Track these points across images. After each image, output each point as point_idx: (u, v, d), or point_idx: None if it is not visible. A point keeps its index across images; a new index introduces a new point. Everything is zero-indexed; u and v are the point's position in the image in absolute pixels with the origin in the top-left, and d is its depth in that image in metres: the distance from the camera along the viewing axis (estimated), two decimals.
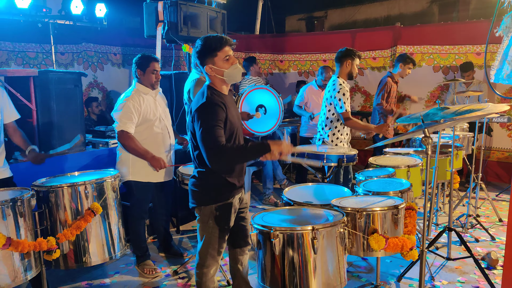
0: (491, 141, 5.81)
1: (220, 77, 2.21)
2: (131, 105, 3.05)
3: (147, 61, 3.16)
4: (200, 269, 2.36)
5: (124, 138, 3.02)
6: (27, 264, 2.27)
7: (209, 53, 2.18)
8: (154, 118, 3.18)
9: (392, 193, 2.44)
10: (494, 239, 3.85)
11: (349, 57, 3.71)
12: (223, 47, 2.18)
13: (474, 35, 5.68)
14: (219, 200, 2.27)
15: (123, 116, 3.03)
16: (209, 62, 2.19)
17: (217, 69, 2.19)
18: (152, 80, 3.18)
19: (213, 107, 2.14)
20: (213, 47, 2.17)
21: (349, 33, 6.93)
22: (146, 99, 3.16)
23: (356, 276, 3.20)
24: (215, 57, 2.18)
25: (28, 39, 5.37)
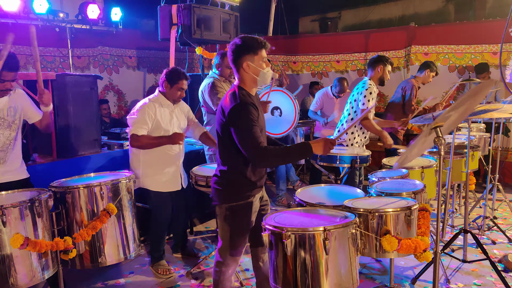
0: (509, 142, 5.70)
1: (254, 76, 2.23)
2: (146, 113, 3.09)
3: (177, 78, 3.16)
4: (219, 267, 2.40)
5: (135, 140, 3.07)
6: (45, 263, 2.32)
7: (250, 50, 2.20)
8: (167, 130, 3.18)
9: (405, 194, 2.42)
10: (511, 241, 3.77)
11: (381, 63, 3.83)
12: (263, 48, 2.23)
13: (490, 34, 5.58)
14: (239, 199, 2.30)
15: (137, 122, 3.08)
16: (248, 59, 2.20)
17: (254, 67, 2.21)
18: (175, 97, 3.21)
19: (248, 107, 2.17)
20: (255, 46, 2.20)
21: (363, 34, 6.89)
22: (163, 111, 3.19)
23: (370, 278, 3.18)
24: (256, 55, 2.21)
25: (46, 43, 5.50)
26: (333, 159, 3.42)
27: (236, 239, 2.33)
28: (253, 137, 2.11)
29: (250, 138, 2.11)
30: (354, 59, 6.87)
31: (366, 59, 6.71)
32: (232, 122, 2.16)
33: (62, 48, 5.61)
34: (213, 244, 3.93)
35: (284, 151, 2.16)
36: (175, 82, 3.16)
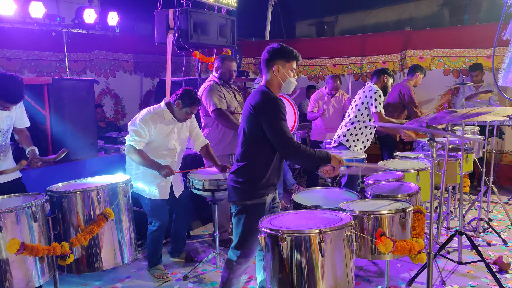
0: (503, 145, 5.74)
1: (280, 81, 2.37)
2: (146, 125, 3.06)
3: (192, 102, 3.10)
4: (230, 265, 2.44)
5: (131, 152, 3.07)
6: (41, 268, 2.32)
7: (284, 56, 2.35)
8: (164, 143, 3.17)
9: (400, 197, 2.44)
10: (506, 243, 3.80)
11: (387, 74, 4.05)
12: (295, 60, 2.39)
13: (484, 38, 5.64)
14: (254, 197, 2.36)
15: (136, 133, 3.06)
16: (280, 63, 2.35)
17: (283, 73, 2.36)
18: (182, 117, 3.17)
19: (280, 102, 2.29)
20: (289, 55, 2.36)
21: (359, 38, 6.94)
22: (164, 125, 3.16)
23: (367, 280, 3.19)
24: (287, 62, 2.36)
25: (41, 48, 5.51)
26: None
27: (249, 237, 2.37)
28: (284, 129, 2.25)
29: (284, 130, 2.25)
30: (350, 63, 6.91)
31: (362, 63, 6.75)
32: (266, 113, 2.27)
33: (58, 53, 5.62)
34: (211, 248, 3.93)
35: (309, 151, 2.28)
36: (188, 106, 3.10)
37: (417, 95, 6.18)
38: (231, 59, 3.81)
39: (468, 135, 4.42)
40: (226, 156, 3.75)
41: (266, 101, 2.28)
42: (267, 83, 2.40)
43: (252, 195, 2.36)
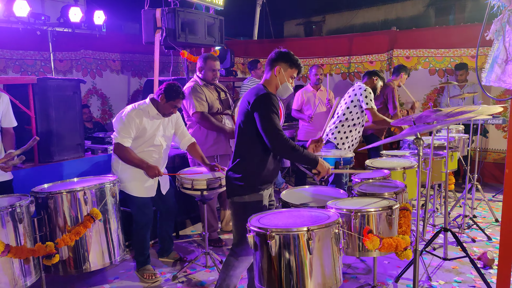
0: (487, 143, 5.85)
1: (278, 83, 2.44)
2: (132, 120, 3.05)
3: (176, 96, 3.10)
4: (230, 262, 2.45)
5: (119, 150, 3.06)
6: (27, 270, 2.30)
7: (289, 62, 2.43)
8: (150, 138, 3.17)
9: (387, 195, 2.47)
10: (490, 239, 3.87)
11: (378, 76, 4.15)
12: (298, 69, 2.47)
13: (468, 38, 5.74)
14: (250, 191, 2.39)
15: (123, 130, 3.05)
16: (282, 66, 2.43)
17: (283, 76, 2.43)
18: (167, 112, 3.18)
19: (274, 98, 2.34)
20: (294, 62, 2.44)
21: (347, 38, 6.99)
22: (150, 121, 3.15)
23: (354, 278, 3.22)
24: (290, 68, 2.44)
25: (26, 47, 5.43)
26: None
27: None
28: (277, 124, 2.28)
29: (274, 125, 2.27)
30: (338, 62, 6.96)
31: (350, 62, 6.81)
32: (258, 108, 2.30)
33: (43, 52, 5.55)
34: (199, 248, 3.93)
35: (298, 149, 2.31)
36: (172, 99, 3.11)
37: (402, 95, 6.26)
38: (214, 58, 3.80)
39: (453, 134, 4.50)
40: (211, 158, 3.74)
41: (261, 97, 2.32)
42: (265, 82, 2.46)
43: (249, 191, 2.39)
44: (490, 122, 4.99)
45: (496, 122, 4.97)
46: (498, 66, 2.40)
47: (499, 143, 5.79)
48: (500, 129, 5.75)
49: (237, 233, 2.45)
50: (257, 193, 2.40)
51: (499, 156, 5.80)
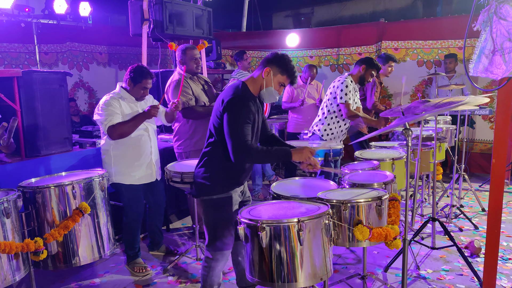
0: (474, 133, 5.93)
1: (263, 85, 2.32)
2: (112, 105, 3.04)
3: (141, 76, 3.10)
4: (208, 262, 2.43)
5: (115, 131, 3.01)
6: (15, 265, 2.27)
7: (282, 67, 2.30)
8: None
9: (376, 185, 2.49)
10: (477, 228, 3.95)
11: (367, 64, 3.90)
12: (290, 79, 2.34)
13: (456, 29, 5.78)
14: (219, 192, 2.34)
15: (108, 115, 3.02)
16: (273, 70, 2.30)
17: (270, 79, 2.30)
18: (138, 95, 3.16)
19: (247, 102, 2.23)
20: (289, 70, 2.31)
21: (335, 30, 6.99)
22: (127, 104, 3.15)
23: (345, 268, 3.26)
24: (280, 73, 2.31)
25: (10, 39, 5.31)
26: None
27: (220, 232, 2.36)
28: (242, 132, 2.18)
29: (239, 132, 2.18)
30: (327, 54, 6.97)
31: (339, 54, 6.82)
32: (228, 111, 2.21)
33: (28, 44, 5.43)
34: (190, 241, 3.92)
35: (266, 152, 2.23)
36: (139, 81, 3.10)
37: (391, 86, 6.31)
38: (192, 47, 3.74)
39: (440, 125, 4.54)
40: (198, 151, 3.72)
41: (235, 100, 2.21)
42: (251, 79, 2.36)
43: (218, 190, 2.34)
44: (477, 113, 5.06)
45: (482, 113, 5.05)
46: (486, 57, 2.42)
47: (486, 134, 5.87)
48: (487, 120, 5.83)
49: (208, 232, 2.41)
50: (226, 193, 2.35)
51: (486, 147, 5.89)
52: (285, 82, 2.34)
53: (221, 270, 2.46)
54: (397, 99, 6.28)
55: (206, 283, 2.45)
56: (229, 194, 2.36)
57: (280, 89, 2.36)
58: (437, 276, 3.09)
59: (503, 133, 2.51)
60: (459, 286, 2.94)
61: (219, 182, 2.34)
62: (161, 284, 3.12)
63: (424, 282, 3.00)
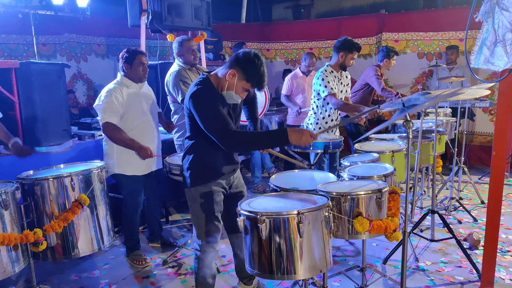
0: (474, 126, 5.93)
1: (224, 87, 2.20)
2: (113, 97, 3.01)
3: (133, 55, 3.11)
4: (197, 255, 2.43)
5: (109, 129, 2.99)
6: (15, 257, 2.27)
7: (248, 74, 2.15)
8: (137, 111, 3.15)
9: (376, 177, 2.48)
10: (476, 221, 3.95)
11: (344, 50, 3.73)
12: (254, 86, 2.19)
13: (457, 21, 5.75)
14: (201, 182, 2.34)
15: (107, 108, 3.00)
16: (238, 74, 2.16)
17: (233, 84, 2.17)
18: (139, 73, 3.15)
19: (210, 93, 2.18)
20: (254, 77, 2.15)
21: (335, 21, 6.95)
22: (129, 92, 3.14)
23: (343, 260, 3.27)
24: (245, 80, 2.17)
25: (8, 30, 5.26)
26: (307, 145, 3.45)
27: (205, 224, 2.36)
28: (219, 120, 2.11)
29: (215, 122, 2.11)
30: (327, 46, 6.93)
31: None
32: (195, 107, 2.15)
33: (26, 35, 5.38)
34: (189, 233, 3.93)
35: (256, 135, 2.16)
36: (133, 59, 3.10)
37: (391, 79, 6.28)
38: (188, 38, 3.73)
39: (440, 117, 4.53)
40: None
41: (196, 92, 2.14)
42: (215, 76, 2.25)
43: (200, 181, 2.33)
44: (477, 105, 5.04)
45: (483, 105, 5.03)
46: (487, 48, 2.40)
47: (486, 126, 5.87)
48: (487, 112, 5.82)
49: (194, 223, 2.41)
50: (205, 185, 2.32)
51: (486, 139, 5.88)
52: (249, 88, 2.20)
53: (211, 261, 2.44)
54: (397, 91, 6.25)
55: (198, 275, 2.45)
56: (207, 186, 2.34)
57: (243, 94, 2.22)
58: (436, 268, 3.10)
59: (504, 125, 2.50)
60: (458, 278, 2.95)
61: (197, 175, 2.34)
62: (160, 275, 3.13)
63: (422, 274, 3.01)
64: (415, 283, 2.89)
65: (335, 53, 3.81)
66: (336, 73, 3.81)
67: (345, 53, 3.73)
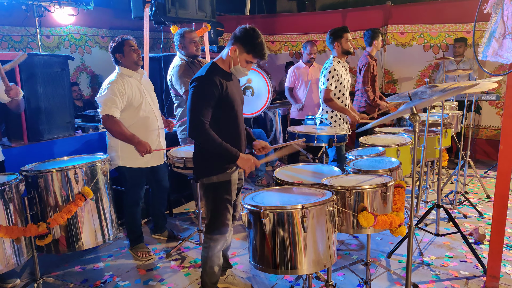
0: (480, 119, 5.86)
1: (231, 63, 2.33)
2: (115, 89, 2.96)
3: (121, 43, 3.08)
4: (207, 243, 2.44)
5: (109, 122, 2.93)
6: (18, 249, 2.27)
7: (247, 46, 2.27)
8: (140, 102, 3.11)
9: (381, 171, 2.46)
10: (481, 215, 3.92)
11: (336, 40, 3.79)
12: (256, 57, 2.31)
13: (464, 13, 5.66)
14: (217, 172, 2.35)
15: (108, 100, 2.94)
16: (239, 48, 2.28)
17: (237, 58, 2.30)
18: (134, 58, 3.09)
19: (208, 83, 2.24)
20: (254, 48, 2.26)
21: (340, 13, 6.87)
22: (131, 83, 3.09)
23: (348, 254, 3.25)
24: (246, 52, 2.28)
25: (12, 22, 5.25)
26: (311, 139, 3.44)
27: (222, 213, 2.38)
28: (200, 111, 2.20)
29: (196, 110, 2.21)
30: None
31: None
32: (191, 88, 2.26)
33: (30, 28, 5.37)
34: (193, 226, 3.93)
35: (216, 142, 2.24)
36: (123, 46, 3.07)
37: (397, 72, 6.21)
38: (190, 30, 3.70)
39: (446, 111, 4.48)
40: None
41: (197, 78, 2.26)
42: (220, 59, 2.37)
43: (215, 171, 2.35)
44: (484, 98, 4.98)
45: (490, 99, 4.97)
46: (496, 40, 2.36)
47: (492, 120, 5.80)
48: (494, 106, 5.75)
49: (208, 213, 2.43)
50: (225, 172, 2.36)
51: (492, 133, 5.82)
52: (252, 60, 2.32)
53: (220, 250, 2.47)
54: (402, 84, 6.20)
55: (206, 264, 2.46)
56: (227, 175, 2.37)
57: (248, 65, 2.35)
58: (441, 262, 3.08)
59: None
60: (463, 273, 2.93)
61: (218, 161, 2.34)
62: (164, 268, 3.13)
63: (427, 269, 2.99)
64: (420, 277, 2.87)
65: (331, 47, 3.86)
66: (343, 63, 3.86)
67: (338, 41, 3.78)
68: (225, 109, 2.32)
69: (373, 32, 4.67)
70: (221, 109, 2.30)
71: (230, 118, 2.36)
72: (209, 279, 2.48)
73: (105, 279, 2.98)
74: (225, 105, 2.31)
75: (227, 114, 2.34)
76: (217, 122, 2.30)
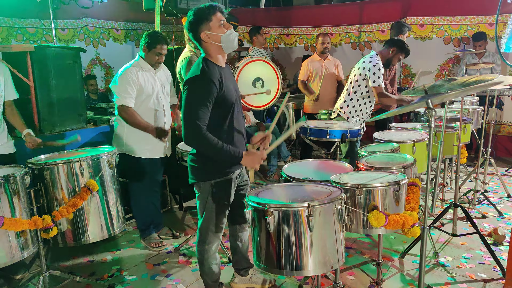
0: (502, 115, 5.64)
1: (217, 43, 2.13)
2: (129, 78, 3.02)
3: (156, 42, 3.09)
4: (201, 246, 2.36)
5: (125, 112, 3.03)
6: (24, 242, 2.27)
7: (203, 19, 2.11)
8: (150, 94, 3.13)
9: (395, 169, 2.36)
10: (501, 215, 3.76)
11: (398, 47, 3.73)
12: (216, 12, 2.12)
13: (486, 4, 5.43)
14: (217, 176, 2.24)
15: (122, 90, 3.01)
16: (204, 28, 2.11)
17: (213, 34, 2.11)
18: (153, 61, 3.15)
19: (205, 82, 2.07)
20: (206, 13, 2.11)
21: (357, 5, 6.69)
22: (145, 74, 3.14)
23: (359, 253, 3.16)
24: (210, 21, 2.11)
25: (27, 15, 5.28)
26: (323, 134, 3.34)
27: (215, 216, 2.29)
28: (192, 115, 2.02)
29: (189, 115, 2.03)
30: (348, 31, 6.70)
31: (360, 31, 6.54)
32: (184, 91, 2.10)
33: (44, 20, 5.39)
34: None
35: (218, 147, 2.06)
36: (153, 47, 3.09)
37: (415, 65, 6.02)
38: None
39: (466, 106, 4.31)
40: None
41: (192, 78, 2.08)
42: (206, 54, 2.18)
43: (214, 175, 2.22)
44: (506, 93, 4.77)
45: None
46: None
47: None
48: None
49: (203, 216, 2.32)
50: (225, 177, 2.24)
51: None
52: (219, 18, 2.11)
53: (216, 251, 2.39)
54: (420, 78, 6.00)
55: (203, 266, 2.39)
56: (228, 177, 2.26)
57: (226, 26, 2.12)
58: (457, 264, 2.95)
59: None
60: (480, 275, 2.80)
61: (219, 164, 2.21)
62: (171, 263, 3.10)
63: (442, 270, 2.88)
64: (435, 279, 2.76)
65: (387, 45, 3.79)
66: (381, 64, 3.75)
67: (396, 50, 3.74)
68: (224, 106, 2.16)
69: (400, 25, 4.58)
70: (220, 107, 2.14)
71: (229, 114, 2.20)
72: (209, 278, 2.42)
73: (113, 273, 2.97)
74: (223, 101, 2.14)
75: (226, 110, 2.18)
76: (216, 121, 2.15)
